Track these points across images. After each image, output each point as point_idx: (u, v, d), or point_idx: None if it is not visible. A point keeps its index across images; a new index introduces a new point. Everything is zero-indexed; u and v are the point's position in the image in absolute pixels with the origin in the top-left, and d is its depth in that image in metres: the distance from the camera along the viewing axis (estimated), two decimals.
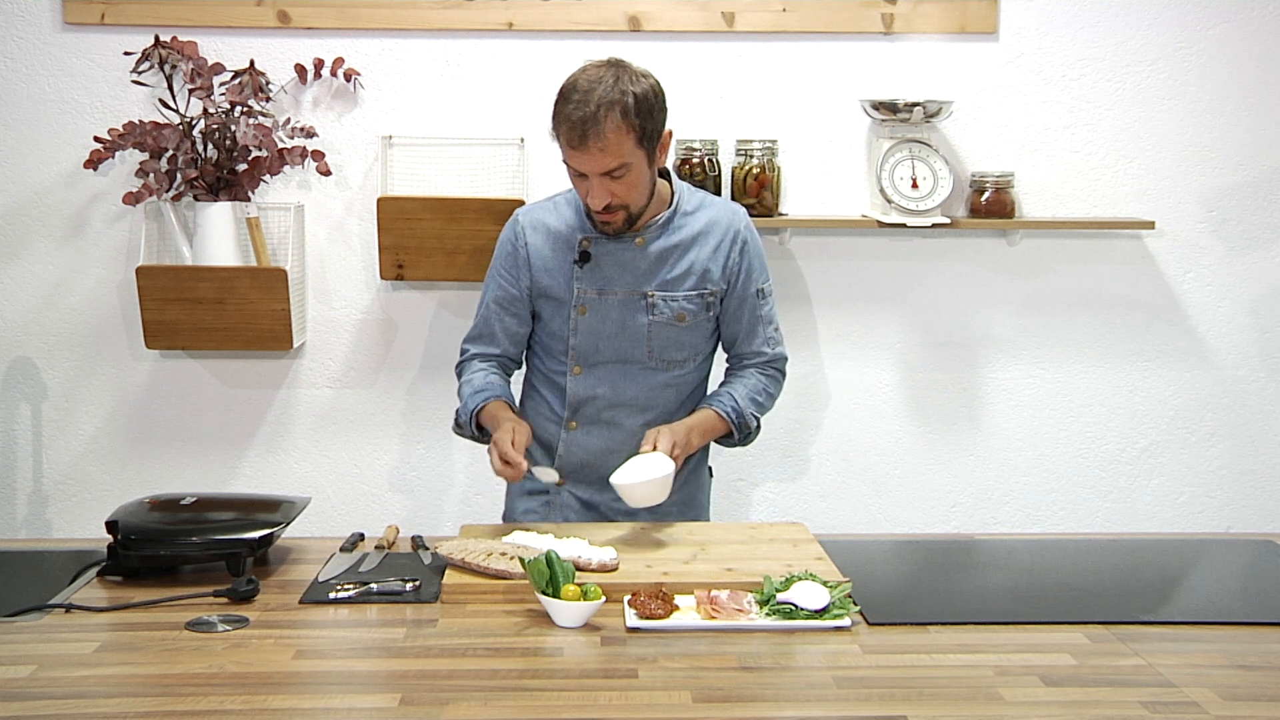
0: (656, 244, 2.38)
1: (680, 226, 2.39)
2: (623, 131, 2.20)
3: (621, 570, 2.02)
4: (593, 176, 2.24)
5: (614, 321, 2.39)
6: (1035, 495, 3.36)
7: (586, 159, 2.21)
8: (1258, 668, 1.71)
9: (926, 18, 3.16)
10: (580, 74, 2.24)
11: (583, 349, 2.42)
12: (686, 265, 2.38)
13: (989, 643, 1.80)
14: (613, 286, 2.39)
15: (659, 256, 2.38)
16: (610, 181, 2.24)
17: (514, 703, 1.57)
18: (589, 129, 2.18)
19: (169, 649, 1.75)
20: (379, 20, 3.13)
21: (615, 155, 2.21)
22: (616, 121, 2.19)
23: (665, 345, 2.40)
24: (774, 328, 2.48)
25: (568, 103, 2.21)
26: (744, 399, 2.43)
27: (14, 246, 3.19)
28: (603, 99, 2.18)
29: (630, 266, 2.38)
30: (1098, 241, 3.28)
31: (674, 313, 2.39)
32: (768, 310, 2.47)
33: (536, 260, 2.42)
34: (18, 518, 3.27)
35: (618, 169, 2.22)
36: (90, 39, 3.12)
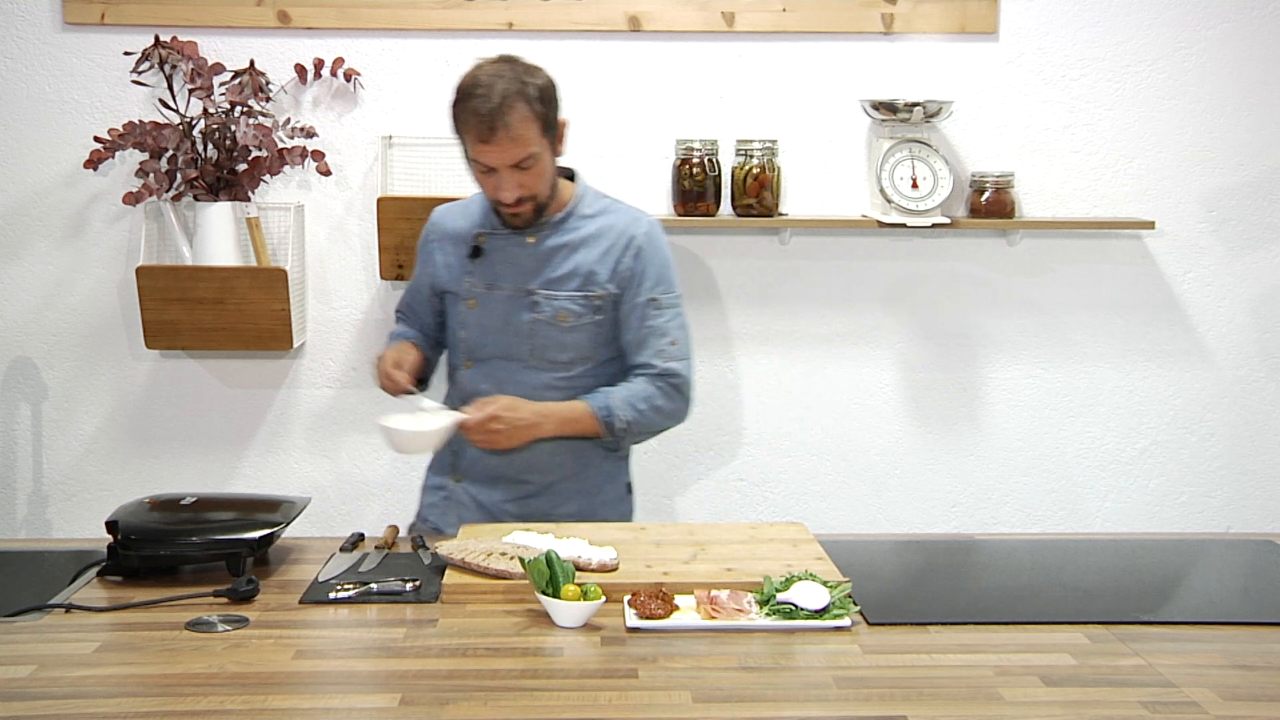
0: (547, 242, 2.38)
1: (574, 228, 2.39)
2: (529, 120, 2.22)
3: (621, 570, 2.02)
4: (502, 169, 2.25)
5: (499, 317, 2.39)
6: (1035, 495, 3.36)
7: (496, 151, 2.23)
8: (1258, 668, 1.71)
9: (926, 18, 3.16)
10: (477, 70, 2.26)
11: (471, 343, 2.44)
12: (573, 266, 2.37)
13: (989, 643, 1.80)
14: (500, 282, 2.39)
15: (546, 255, 2.38)
16: (519, 173, 2.26)
17: (514, 703, 1.57)
18: (497, 120, 2.20)
19: (169, 649, 1.74)
20: (379, 20, 3.13)
21: (523, 145, 2.23)
22: (523, 111, 2.21)
23: (547, 345, 2.38)
24: (669, 341, 2.39)
25: (472, 98, 2.22)
26: (619, 399, 2.36)
27: (14, 246, 3.19)
28: (507, 90, 2.21)
29: (519, 263, 2.38)
30: (1098, 241, 3.28)
31: (555, 312, 2.36)
32: (664, 323, 2.38)
33: (439, 255, 2.48)
34: (18, 518, 3.27)
35: (526, 159, 2.24)
36: (90, 39, 3.12)
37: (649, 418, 2.39)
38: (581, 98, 3.20)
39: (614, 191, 3.19)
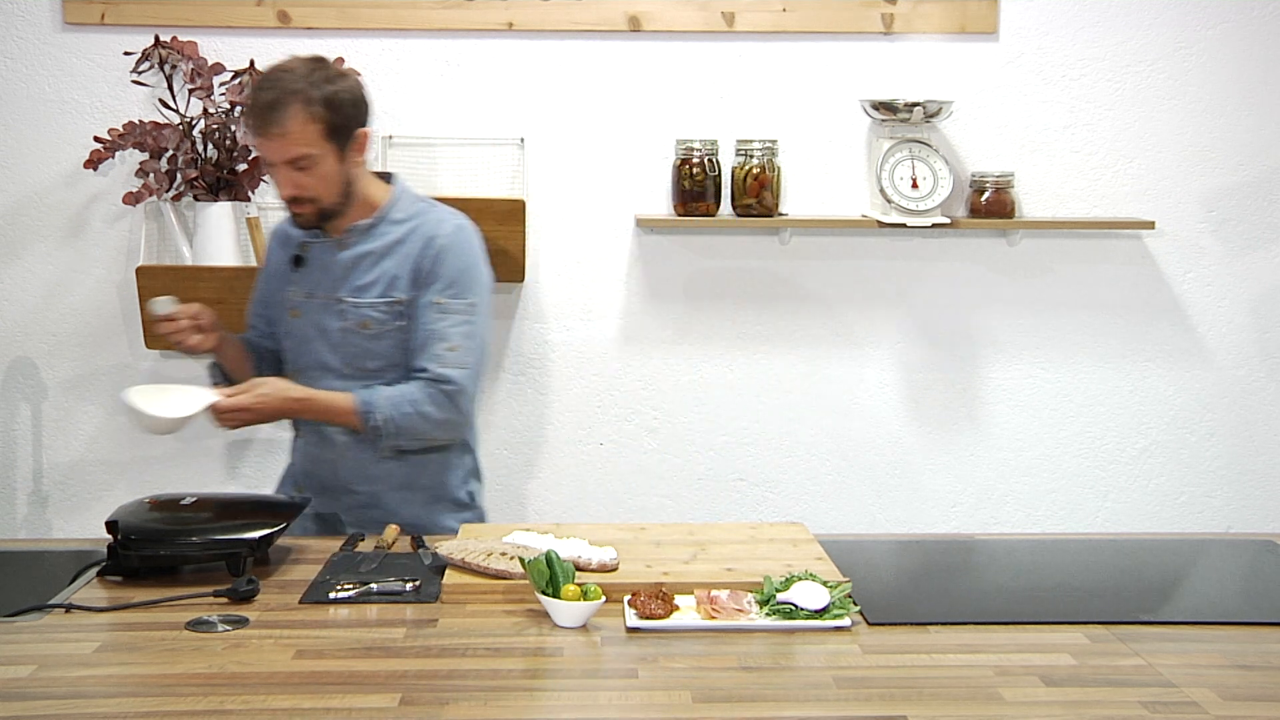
0: (354, 249, 2.36)
1: (382, 234, 2.36)
2: (307, 122, 2.21)
3: (621, 570, 2.02)
4: (278, 165, 2.25)
5: (314, 326, 2.38)
6: (1035, 495, 3.36)
7: (269, 145, 2.23)
8: (1258, 668, 1.71)
9: (926, 18, 3.16)
10: (279, 63, 2.27)
11: (292, 353, 2.44)
12: (378, 272, 2.34)
13: (989, 643, 1.80)
14: (316, 291, 2.39)
15: (353, 262, 2.36)
16: (296, 172, 2.25)
17: (514, 703, 1.57)
18: (270, 115, 2.20)
19: (169, 649, 1.74)
20: (379, 20, 3.13)
21: (295, 144, 2.21)
22: (300, 112, 2.20)
23: (357, 353, 2.36)
24: (448, 346, 2.31)
25: (258, 89, 2.24)
26: (384, 397, 2.30)
27: (14, 246, 3.19)
28: (289, 88, 2.20)
29: (330, 272, 2.37)
30: (1098, 241, 3.28)
31: (360, 320, 2.34)
32: (445, 327, 2.32)
33: (270, 264, 2.50)
34: (18, 518, 3.27)
35: (301, 159, 2.23)
36: (90, 39, 3.12)
37: (413, 422, 2.31)
38: (581, 98, 3.21)
39: (614, 191, 3.22)
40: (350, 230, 2.36)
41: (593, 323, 3.27)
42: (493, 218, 3.05)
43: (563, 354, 3.28)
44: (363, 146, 2.32)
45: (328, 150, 2.25)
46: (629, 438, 3.31)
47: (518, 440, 3.30)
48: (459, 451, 2.46)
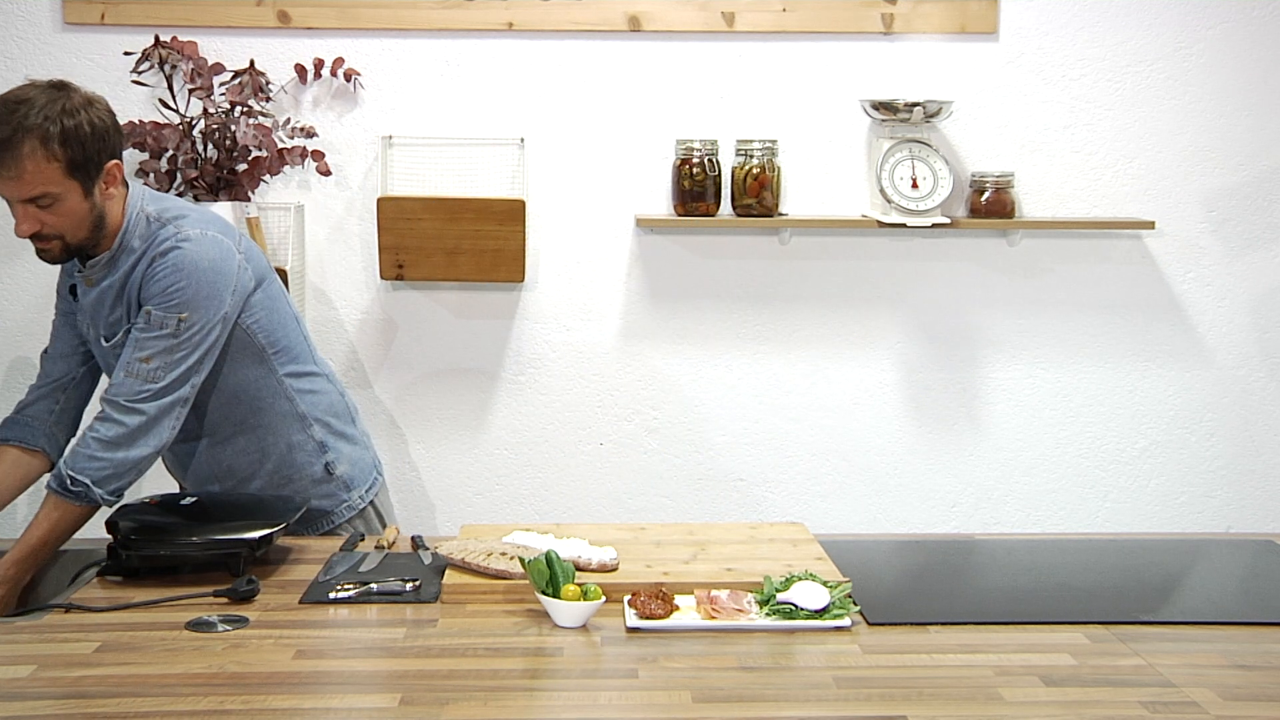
0: (100, 285, 2.22)
1: (119, 265, 2.20)
2: (42, 160, 2.04)
3: (621, 570, 2.02)
4: (15, 203, 2.09)
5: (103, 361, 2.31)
6: (1035, 495, 3.36)
7: (3, 184, 2.07)
8: (1258, 668, 1.71)
9: (926, 18, 3.16)
10: (13, 91, 2.10)
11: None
12: (124, 306, 2.21)
13: (989, 643, 1.80)
14: (87, 329, 2.29)
15: (100, 299, 2.23)
16: (38, 210, 2.09)
17: (514, 703, 1.57)
18: (3, 154, 2.03)
19: (169, 649, 1.74)
20: (379, 20, 3.13)
21: (33, 184, 2.05)
22: (35, 150, 2.03)
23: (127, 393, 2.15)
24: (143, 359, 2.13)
25: None
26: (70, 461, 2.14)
27: (14, 246, 3.19)
28: (21, 123, 2.03)
29: (89, 309, 2.26)
30: (1098, 241, 3.28)
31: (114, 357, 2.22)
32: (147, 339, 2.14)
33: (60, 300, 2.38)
34: (18, 518, 3.26)
35: (41, 198, 2.07)
36: (90, 39, 3.12)
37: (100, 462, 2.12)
38: (581, 98, 3.20)
39: (614, 191, 3.22)
40: (93, 265, 2.21)
41: (593, 323, 3.27)
42: (493, 218, 3.06)
43: (563, 354, 3.28)
44: (114, 179, 2.15)
45: (71, 187, 2.08)
46: (629, 438, 3.31)
47: (518, 440, 3.30)
48: (297, 428, 2.37)
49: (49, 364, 2.40)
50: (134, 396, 2.14)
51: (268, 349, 2.33)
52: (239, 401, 2.34)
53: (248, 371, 2.33)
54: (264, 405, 2.35)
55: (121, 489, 2.15)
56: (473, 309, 3.25)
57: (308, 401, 2.40)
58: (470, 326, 3.25)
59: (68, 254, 2.19)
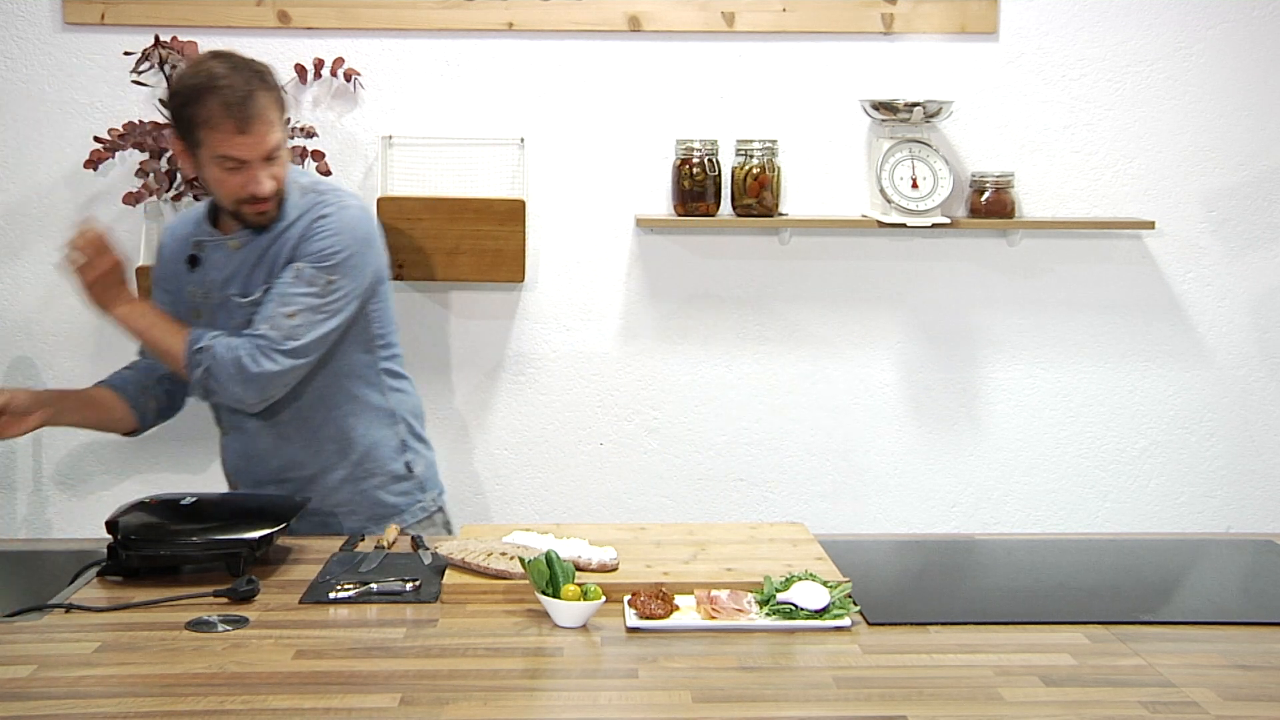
0: (248, 245, 2.31)
1: (273, 227, 2.30)
2: (275, 107, 2.21)
3: (621, 570, 2.02)
4: (256, 162, 2.19)
5: (217, 325, 2.33)
6: (1035, 495, 3.36)
7: (252, 142, 2.16)
8: (1258, 668, 1.71)
9: (926, 18, 3.16)
10: (204, 67, 2.19)
11: None
12: (265, 264, 2.30)
13: (989, 643, 1.80)
14: (211, 291, 2.35)
15: (246, 259, 2.31)
16: (270, 164, 2.21)
17: (514, 703, 1.57)
18: (251, 109, 2.14)
19: (169, 649, 1.74)
20: (379, 20, 3.13)
21: (275, 133, 2.20)
22: (270, 99, 2.19)
23: None
24: (287, 314, 2.22)
25: (214, 91, 2.14)
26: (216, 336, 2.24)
27: (14, 246, 3.19)
28: (250, 80, 2.16)
29: (223, 270, 2.33)
30: (1098, 241, 3.28)
31: (247, 315, 2.29)
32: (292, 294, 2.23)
33: (168, 268, 2.43)
34: (18, 518, 3.26)
35: (276, 148, 2.21)
36: (90, 39, 3.12)
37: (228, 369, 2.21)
38: (581, 98, 3.20)
39: (614, 191, 3.22)
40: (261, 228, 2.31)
41: (593, 323, 3.26)
42: (493, 218, 3.06)
43: (563, 354, 3.28)
44: None
45: (285, 141, 2.26)
46: (629, 438, 3.31)
47: (518, 440, 3.30)
48: (385, 423, 2.44)
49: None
50: (272, 345, 2.21)
51: (377, 339, 2.42)
52: (339, 386, 2.39)
53: (357, 357, 2.40)
54: (360, 394, 2.41)
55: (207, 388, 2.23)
56: (473, 309, 3.25)
57: (396, 399, 2.47)
58: (470, 326, 3.25)
59: (279, 210, 2.28)
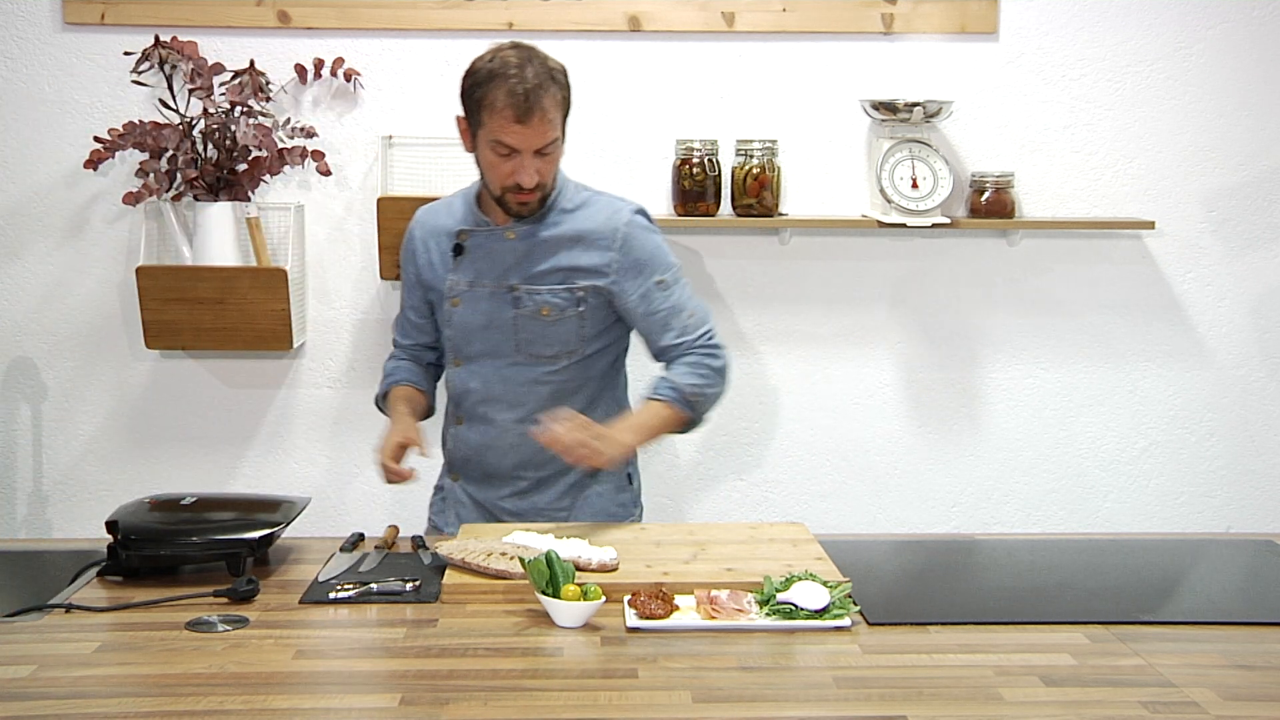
0: (528, 237, 2.36)
1: (556, 222, 2.36)
2: (558, 105, 2.25)
3: (621, 570, 2.01)
4: (526, 153, 2.24)
5: (483, 314, 2.38)
6: (1035, 495, 3.36)
7: (528, 133, 2.22)
8: (1258, 668, 1.71)
9: (926, 18, 3.16)
10: (499, 54, 2.25)
11: (456, 341, 2.43)
12: (555, 260, 2.35)
13: (989, 643, 1.80)
14: (482, 279, 2.38)
15: (528, 250, 2.36)
16: (540, 159, 2.26)
17: (514, 703, 1.57)
18: (533, 101, 2.20)
19: (169, 649, 1.74)
20: (379, 20, 3.13)
21: (553, 129, 2.24)
22: (555, 95, 2.24)
23: (532, 340, 2.37)
24: (688, 314, 2.38)
25: (504, 78, 2.21)
26: (678, 376, 2.34)
27: (14, 246, 3.19)
28: (539, 73, 2.22)
29: (499, 259, 2.37)
30: (1098, 241, 3.28)
31: (538, 306, 2.35)
32: (677, 300, 2.38)
33: (421, 256, 2.47)
34: (18, 518, 3.27)
35: (550, 144, 2.25)
36: (90, 39, 3.12)
37: (711, 379, 2.36)
38: (581, 98, 3.19)
39: (616, 191, 3.21)
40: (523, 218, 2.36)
41: None
42: None
43: None
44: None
45: (562, 134, 2.30)
46: None
47: None
48: None
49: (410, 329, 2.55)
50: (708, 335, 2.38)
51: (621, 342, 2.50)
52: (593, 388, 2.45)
53: (607, 359, 2.47)
54: (604, 397, 2.47)
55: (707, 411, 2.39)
56: None
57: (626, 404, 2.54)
58: None
59: (543, 203, 2.34)
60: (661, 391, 2.34)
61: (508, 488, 2.44)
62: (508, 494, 2.44)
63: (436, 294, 2.46)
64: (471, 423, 2.45)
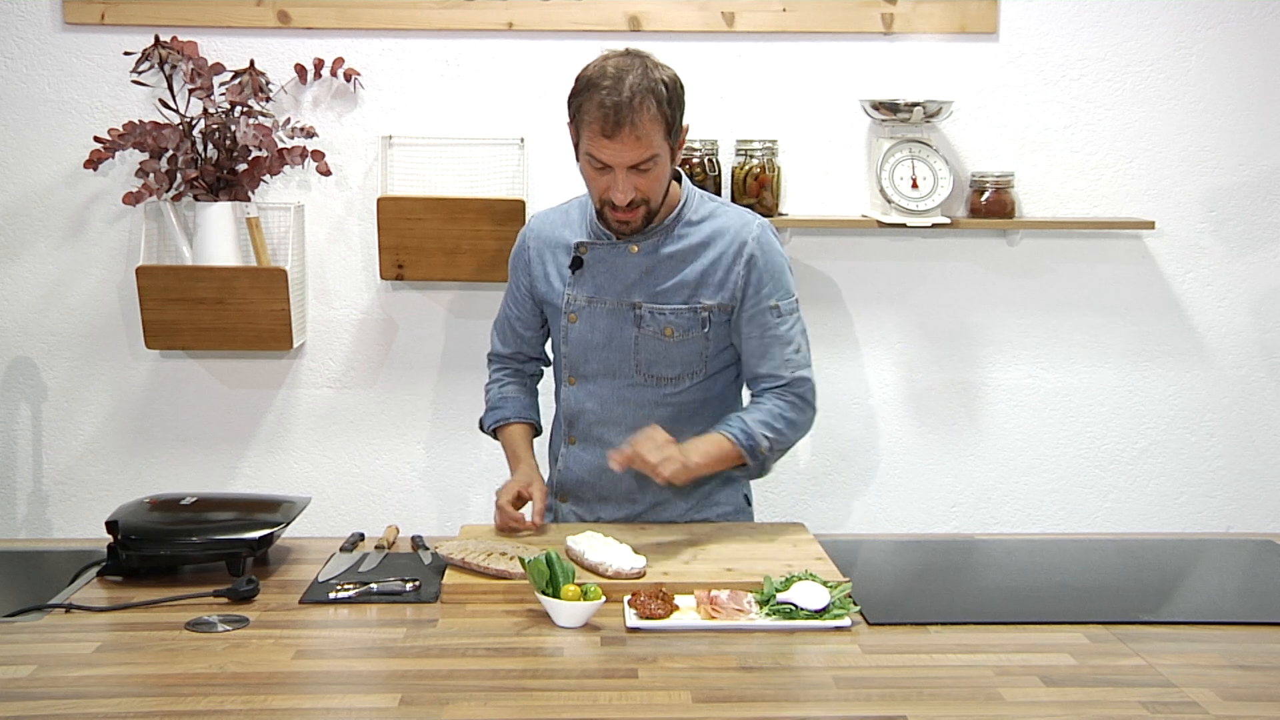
0: (652, 253, 2.25)
1: (682, 236, 2.25)
2: (656, 121, 2.10)
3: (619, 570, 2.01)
4: (619, 170, 2.12)
5: (602, 332, 2.28)
6: (1035, 495, 3.36)
7: (618, 149, 2.09)
8: (1258, 668, 1.71)
9: (926, 18, 3.16)
10: (604, 62, 2.12)
11: (573, 359, 2.33)
12: (680, 277, 2.25)
13: (989, 643, 1.80)
14: (602, 295, 2.28)
15: (651, 266, 2.25)
16: (636, 175, 2.13)
17: (514, 703, 1.57)
18: (624, 116, 2.06)
19: (169, 649, 1.75)
20: (379, 20, 3.13)
21: (647, 146, 2.10)
22: (651, 110, 2.08)
23: (654, 360, 2.27)
24: (794, 349, 2.28)
25: (597, 89, 2.08)
26: (756, 422, 2.23)
27: (14, 246, 3.19)
28: (636, 86, 2.07)
29: (621, 275, 2.26)
30: (1098, 241, 3.28)
31: (661, 326, 2.25)
32: (786, 330, 2.28)
33: (536, 267, 2.36)
34: (18, 518, 3.27)
35: (646, 161, 2.11)
36: (90, 39, 3.12)
37: (785, 435, 2.27)
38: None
39: None
40: (648, 231, 2.24)
41: None
42: (493, 218, 3.06)
43: None
44: (682, 143, 2.22)
45: (665, 150, 2.14)
46: None
47: None
48: None
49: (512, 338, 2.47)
50: (805, 388, 2.31)
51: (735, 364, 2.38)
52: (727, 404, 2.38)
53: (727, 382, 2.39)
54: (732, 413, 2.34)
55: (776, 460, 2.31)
56: (472, 309, 3.24)
57: None
58: (470, 326, 3.25)
59: (647, 221, 2.22)
60: (735, 433, 2.22)
61: (622, 510, 2.35)
62: (621, 517, 2.35)
63: (552, 308, 2.35)
64: (586, 444, 2.35)
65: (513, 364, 2.51)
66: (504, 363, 2.52)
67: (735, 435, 2.22)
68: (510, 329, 2.48)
